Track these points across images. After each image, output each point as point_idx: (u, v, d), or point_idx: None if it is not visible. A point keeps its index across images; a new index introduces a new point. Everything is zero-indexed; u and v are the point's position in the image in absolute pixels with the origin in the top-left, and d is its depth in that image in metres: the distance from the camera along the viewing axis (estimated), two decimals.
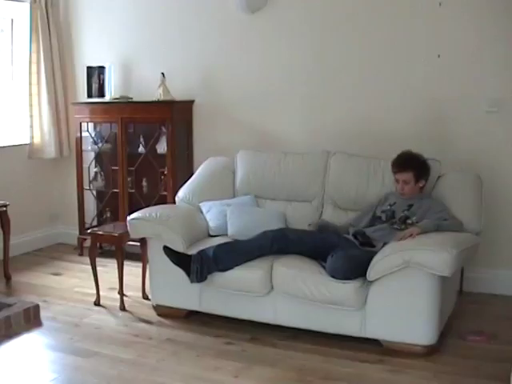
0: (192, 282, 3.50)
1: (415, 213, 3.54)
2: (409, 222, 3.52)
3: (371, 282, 3.24)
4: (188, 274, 3.49)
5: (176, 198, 4.26)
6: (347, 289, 3.23)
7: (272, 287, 3.46)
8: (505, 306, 3.97)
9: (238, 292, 3.52)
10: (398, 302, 3.21)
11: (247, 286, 3.47)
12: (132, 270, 4.41)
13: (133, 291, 4.22)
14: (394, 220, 3.58)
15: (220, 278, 3.53)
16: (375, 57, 4.34)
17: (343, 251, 3.35)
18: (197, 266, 3.46)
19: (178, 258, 3.52)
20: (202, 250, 3.53)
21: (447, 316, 3.52)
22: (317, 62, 4.51)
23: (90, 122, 5.24)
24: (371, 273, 3.21)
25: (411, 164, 3.59)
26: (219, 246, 3.55)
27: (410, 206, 3.58)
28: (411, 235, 3.30)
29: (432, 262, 3.06)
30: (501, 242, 4.10)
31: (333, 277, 3.27)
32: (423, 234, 3.31)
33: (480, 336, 3.45)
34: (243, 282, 3.48)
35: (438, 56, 4.11)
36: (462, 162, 4.04)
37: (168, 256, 3.52)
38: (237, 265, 3.48)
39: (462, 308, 3.85)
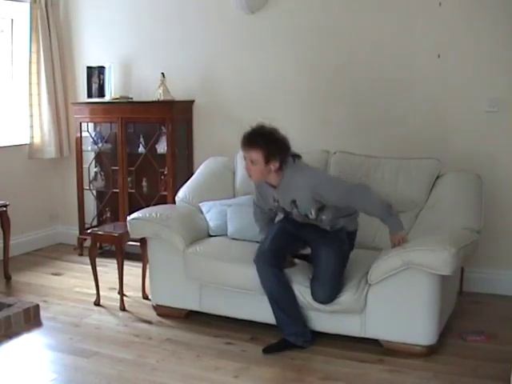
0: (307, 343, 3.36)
1: (305, 206, 3.21)
2: (311, 216, 3.24)
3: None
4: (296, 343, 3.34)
5: (176, 198, 4.26)
6: (344, 300, 3.25)
7: None
8: (505, 305, 3.97)
9: (238, 290, 3.51)
10: (398, 302, 3.21)
11: (247, 284, 3.46)
12: (132, 270, 4.42)
13: (133, 291, 4.22)
14: (293, 216, 3.32)
15: (220, 275, 3.54)
16: (375, 56, 4.34)
17: (321, 276, 3.25)
18: (293, 337, 3.33)
19: (279, 346, 3.34)
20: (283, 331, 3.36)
21: (447, 316, 3.52)
22: (317, 62, 4.51)
23: (90, 122, 5.24)
24: (372, 276, 3.21)
25: (260, 141, 3.14)
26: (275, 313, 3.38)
27: (293, 201, 3.23)
28: (401, 240, 3.24)
29: (431, 262, 3.05)
30: (501, 242, 4.11)
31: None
32: (400, 229, 3.23)
33: (480, 336, 3.45)
34: (243, 280, 3.47)
35: (438, 56, 4.11)
36: (462, 161, 4.04)
37: (272, 352, 3.31)
38: (296, 306, 3.35)
39: (462, 308, 3.85)
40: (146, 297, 4.13)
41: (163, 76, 4.81)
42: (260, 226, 3.58)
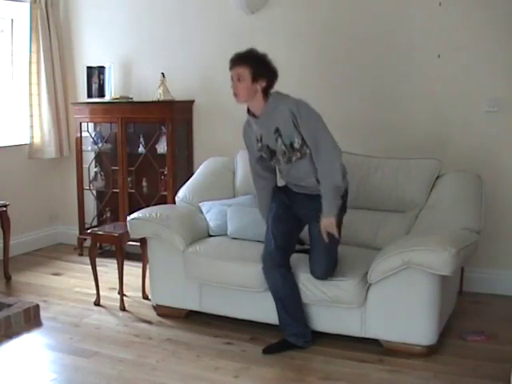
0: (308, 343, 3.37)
1: (289, 133, 3.14)
2: (296, 146, 3.16)
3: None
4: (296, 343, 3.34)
5: (176, 198, 4.26)
6: (346, 287, 3.23)
7: None
8: (505, 306, 3.97)
9: (238, 288, 3.51)
10: (398, 301, 3.21)
11: (247, 282, 3.46)
12: (132, 270, 4.42)
13: (133, 291, 4.22)
14: (277, 156, 3.24)
15: (220, 274, 3.54)
16: (375, 57, 4.34)
17: (316, 251, 3.25)
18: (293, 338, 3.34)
19: (279, 347, 3.34)
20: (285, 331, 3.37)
21: (447, 316, 3.52)
22: (317, 62, 4.51)
23: (90, 122, 5.24)
24: (372, 275, 3.21)
25: (249, 59, 3.15)
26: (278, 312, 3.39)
27: (277, 130, 3.17)
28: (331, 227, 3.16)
29: (432, 262, 3.05)
30: (501, 242, 4.10)
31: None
32: (333, 214, 3.13)
33: (480, 336, 3.45)
34: (243, 278, 3.47)
35: (438, 56, 4.12)
36: (462, 161, 4.04)
37: (272, 353, 3.31)
38: (300, 306, 3.35)
39: (462, 308, 3.85)
40: (146, 297, 4.13)
41: (163, 76, 4.81)
42: (259, 203, 3.51)
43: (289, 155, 3.21)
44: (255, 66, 3.14)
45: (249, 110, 3.30)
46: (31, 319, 3.73)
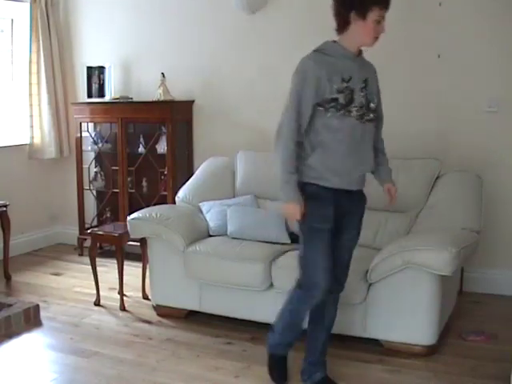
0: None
1: (372, 90, 2.90)
2: (372, 106, 2.86)
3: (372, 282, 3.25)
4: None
5: (176, 198, 4.27)
6: (348, 281, 3.19)
7: (272, 284, 3.45)
8: (505, 306, 3.97)
9: (237, 287, 3.51)
10: (398, 301, 3.21)
11: (246, 281, 3.47)
12: (132, 270, 4.42)
13: (133, 291, 4.22)
14: (351, 107, 2.75)
15: (220, 273, 3.55)
16: (375, 57, 4.32)
17: (346, 263, 2.92)
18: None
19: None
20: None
21: (447, 316, 3.52)
22: None
23: (90, 122, 5.24)
24: (372, 274, 3.22)
25: None
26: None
27: (365, 80, 2.86)
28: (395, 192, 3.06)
29: (432, 262, 3.05)
30: (501, 242, 4.11)
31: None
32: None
33: (480, 336, 3.45)
34: (243, 277, 3.48)
35: (438, 56, 4.12)
36: (462, 161, 4.04)
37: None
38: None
39: (462, 308, 3.85)
40: (146, 297, 4.13)
41: (163, 76, 4.81)
42: (289, 162, 2.70)
43: (363, 111, 2.81)
44: None
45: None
46: (31, 319, 3.73)
